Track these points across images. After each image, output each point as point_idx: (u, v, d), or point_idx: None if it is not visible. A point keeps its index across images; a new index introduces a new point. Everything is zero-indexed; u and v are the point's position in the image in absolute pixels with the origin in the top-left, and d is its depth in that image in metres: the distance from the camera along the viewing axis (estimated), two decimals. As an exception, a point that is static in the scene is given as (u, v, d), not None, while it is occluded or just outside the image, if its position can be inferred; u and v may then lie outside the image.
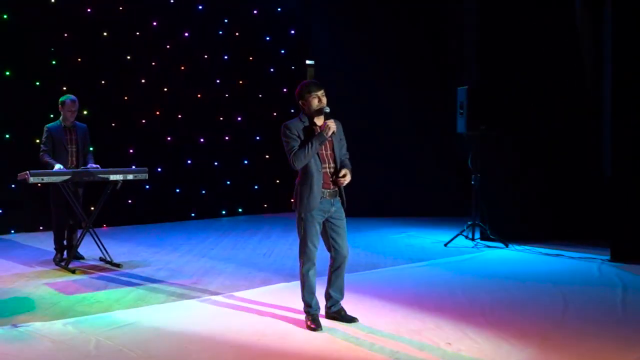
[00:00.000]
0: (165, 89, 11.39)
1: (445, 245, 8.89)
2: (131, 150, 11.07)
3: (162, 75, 11.34)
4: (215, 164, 12.00)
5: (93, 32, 10.65)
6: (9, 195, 9.95)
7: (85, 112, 10.41)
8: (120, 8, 10.86)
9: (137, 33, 11.07)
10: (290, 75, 12.68)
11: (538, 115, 9.02)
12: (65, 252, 7.94)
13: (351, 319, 5.45)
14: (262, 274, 7.32)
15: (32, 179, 7.17)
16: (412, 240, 9.44)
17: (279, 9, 12.50)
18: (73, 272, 7.40)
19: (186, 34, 11.59)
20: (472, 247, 8.72)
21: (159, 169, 11.31)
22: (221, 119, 12.03)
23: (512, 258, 8.13)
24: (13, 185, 9.68)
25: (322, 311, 5.51)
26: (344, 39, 11.93)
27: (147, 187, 11.19)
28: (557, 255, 8.16)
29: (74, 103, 8.01)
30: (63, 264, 7.69)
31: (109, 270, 7.56)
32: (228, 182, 12.12)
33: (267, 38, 12.44)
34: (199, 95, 11.73)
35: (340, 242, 5.41)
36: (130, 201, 11.07)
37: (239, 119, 12.17)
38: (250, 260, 8.13)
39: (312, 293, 5.40)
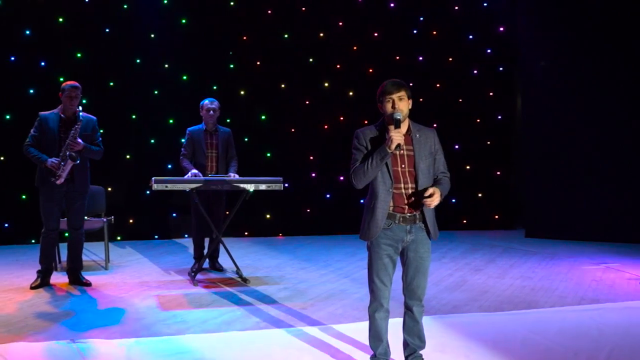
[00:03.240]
0: (351, 93, 10.74)
1: (642, 284, 7.14)
2: (311, 157, 10.58)
3: (348, 78, 10.71)
4: (406, 173, 11.05)
5: (273, 34, 10.34)
6: (184, 200, 9.95)
7: (262, 117, 10.19)
8: (303, 9, 10.43)
9: (321, 34, 10.56)
10: (498, 77, 11.36)
11: None
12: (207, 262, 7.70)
13: (427, 377, 4.33)
14: (385, 304, 6.32)
15: (155, 186, 6.92)
16: (606, 274, 7.75)
17: (485, 4, 11.21)
18: (195, 284, 7.06)
19: (375, 34, 10.81)
20: (675, 290, 6.88)
21: (341, 178, 10.71)
22: (413, 125, 11.04)
23: None
24: (187, 190, 9.64)
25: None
26: (557, 38, 10.23)
27: (328, 196, 10.66)
28: None
29: (212, 104, 7.64)
30: (193, 274, 7.38)
31: (234, 285, 7.08)
32: (420, 194, 11.10)
33: (470, 37, 11.22)
34: (388, 100, 10.88)
35: (414, 281, 4.36)
36: (308, 210, 10.59)
37: (435, 125, 11.04)
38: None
39: (379, 339, 4.40)
